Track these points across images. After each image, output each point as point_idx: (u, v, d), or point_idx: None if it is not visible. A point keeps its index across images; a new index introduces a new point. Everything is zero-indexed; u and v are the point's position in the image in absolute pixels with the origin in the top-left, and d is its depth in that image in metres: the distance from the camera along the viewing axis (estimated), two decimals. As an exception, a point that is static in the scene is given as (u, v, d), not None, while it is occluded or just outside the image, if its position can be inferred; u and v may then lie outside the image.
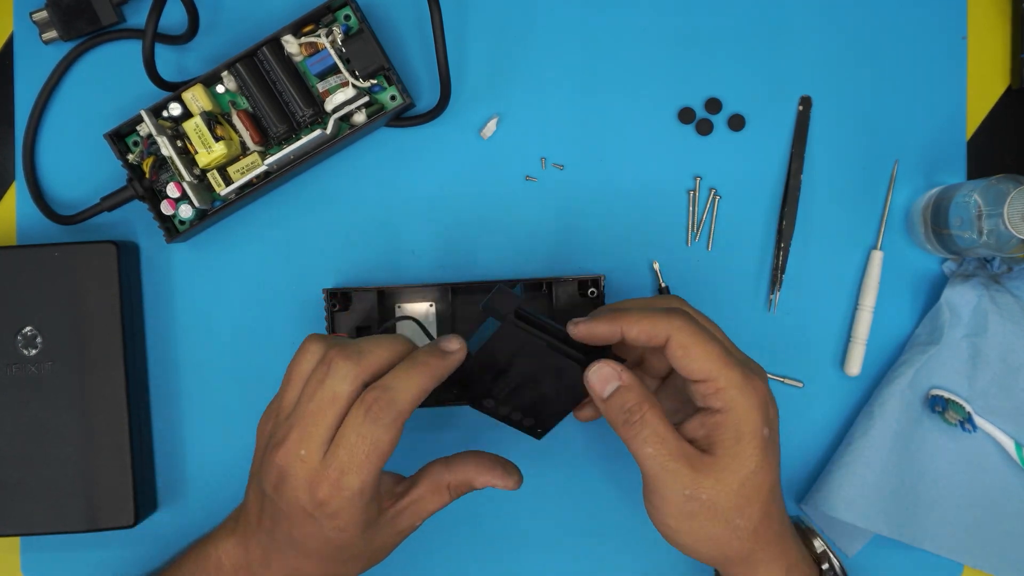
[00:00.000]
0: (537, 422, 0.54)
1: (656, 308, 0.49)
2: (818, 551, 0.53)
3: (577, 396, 0.52)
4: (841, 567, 0.53)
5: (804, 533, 0.54)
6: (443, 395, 0.51)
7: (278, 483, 0.47)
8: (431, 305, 0.60)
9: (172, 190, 0.58)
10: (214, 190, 0.59)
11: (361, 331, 0.60)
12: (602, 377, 0.48)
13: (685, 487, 0.47)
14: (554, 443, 0.62)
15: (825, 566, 0.53)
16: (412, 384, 0.47)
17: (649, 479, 0.48)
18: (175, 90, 0.58)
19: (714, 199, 0.62)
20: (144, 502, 0.60)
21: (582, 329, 0.49)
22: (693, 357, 0.47)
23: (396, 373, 0.47)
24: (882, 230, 0.62)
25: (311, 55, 0.59)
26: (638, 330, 0.48)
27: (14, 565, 0.62)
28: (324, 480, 0.46)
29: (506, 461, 0.53)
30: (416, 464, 0.52)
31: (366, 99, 0.59)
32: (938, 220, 0.59)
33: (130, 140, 0.60)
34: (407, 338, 0.49)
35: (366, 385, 0.47)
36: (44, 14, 0.61)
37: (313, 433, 0.46)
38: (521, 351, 0.49)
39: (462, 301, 0.60)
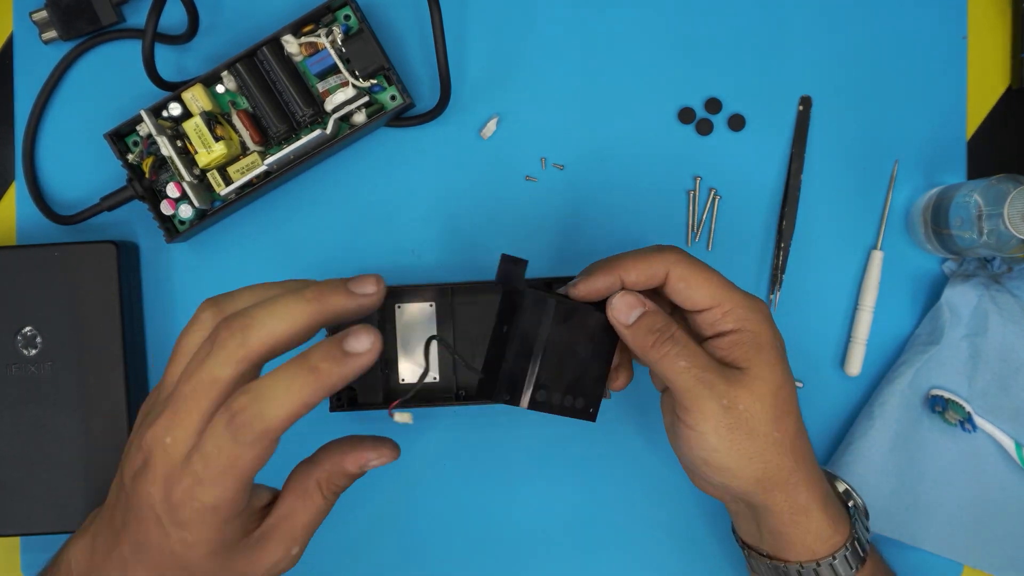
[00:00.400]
0: (586, 400, 0.51)
1: (648, 248, 0.50)
2: (841, 490, 0.54)
3: (609, 349, 0.51)
4: (864, 507, 0.54)
5: (826, 475, 0.54)
6: (496, 398, 0.47)
7: (139, 471, 0.41)
8: (431, 305, 0.60)
9: (172, 190, 0.58)
10: (214, 190, 0.59)
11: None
12: (626, 304, 0.49)
13: (722, 396, 0.47)
14: (558, 449, 0.62)
15: (851, 503, 0.53)
16: (291, 397, 0.38)
17: (684, 396, 0.48)
18: (175, 90, 0.58)
19: (714, 199, 0.62)
20: (144, 502, 0.60)
21: (581, 288, 0.49)
22: (696, 286, 0.48)
23: (276, 378, 0.39)
24: (882, 230, 0.62)
25: (311, 55, 0.59)
26: (636, 272, 0.48)
27: (14, 565, 0.62)
28: (179, 483, 0.39)
29: (374, 436, 0.45)
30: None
31: (366, 99, 0.59)
32: (938, 220, 0.59)
33: (130, 140, 0.60)
34: (313, 306, 0.40)
35: (256, 367, 0.40)
36: (44, 14, 0.61)
37: (184, 420, 0.39)
38: (545, 319, 0.47)
39: (462, 301, 0.60)
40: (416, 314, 0.60)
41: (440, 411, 0.62)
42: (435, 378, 0.60)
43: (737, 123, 0.62)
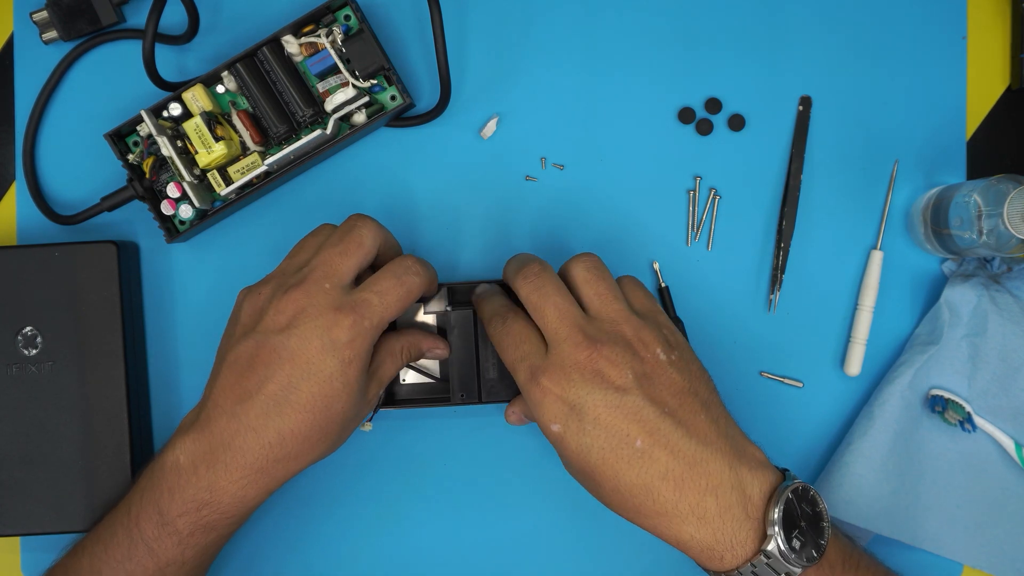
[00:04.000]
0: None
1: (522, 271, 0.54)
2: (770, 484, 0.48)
3: None
4: (808, 495, 0.48)
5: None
6: (454, 401, 0.58)
7: (290, 323, 0.49)
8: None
9: (172, 190, 0.58)
10: (214, 190, 0.59)
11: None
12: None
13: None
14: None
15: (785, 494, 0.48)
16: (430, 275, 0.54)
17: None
18: (175, 90, 0.58)
19: (714, 199, 0.62)
20: (144, 502, 0.60)
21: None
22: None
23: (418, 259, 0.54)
24: (882, 230, 0.62)
25: (311, 55, 0.59)
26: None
27: (14, 565, 0.62)
28: (347, 311, 0.49)
29: (437, 335, 0.58)
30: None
31: (366, 99, 0.59)
32: (938, 220, 0.59)
33: (130, 140, 0.60)
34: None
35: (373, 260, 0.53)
36: (44, 14, 0.61)
37: (340, 269, 0.51)
38: (472, 328, 0.57)
39: (461, 301, 0.60)
40: (416, 314, 0.60)
41: (441, 411, 0.62)
42: (436, 377, 0.60)
43: (737, 123, 0.62)
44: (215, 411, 0.50)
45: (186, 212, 0.59)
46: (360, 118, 0.59)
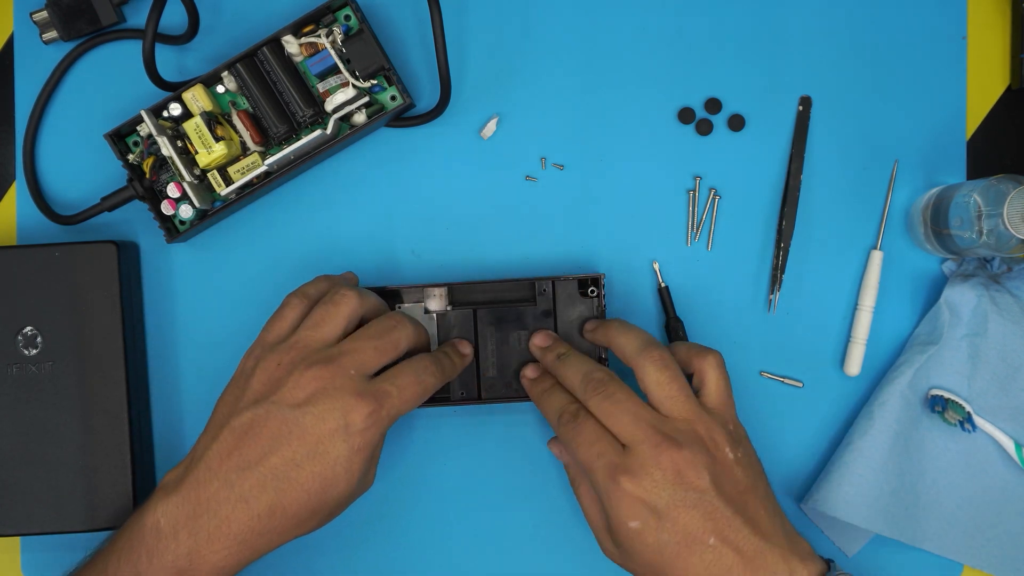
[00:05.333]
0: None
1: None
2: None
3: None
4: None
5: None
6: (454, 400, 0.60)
7: (308, 399, 0.49)
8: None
9: (172, 190, 0.58)
10: (214, 190, 0.59)
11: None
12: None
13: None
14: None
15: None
16: (456, 367, 0.57)
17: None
18: (175, 90, 0.58)
19: (714, 199, 0.62)
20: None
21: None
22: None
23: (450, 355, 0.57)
24: (882, 230, 0.62)
25: (311, 55, 0.59)
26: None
27: (14, 565, 0.62)
28: (367, 399, 0.50)
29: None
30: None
31: (366, 99, 0.59)
32: (938, 220, 0.59)
33: (130, 140, 0.60)
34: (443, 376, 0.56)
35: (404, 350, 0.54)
36: (44, 14, 0.61)
37: (369, 364, 0.51)
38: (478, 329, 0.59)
39: (462, 301, 0.60)
40: (416, 314, 0.60)
41: (440, 409, 0.62)
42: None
43: (737, 123, 0.62)
44: (206, 474, 0.49)
45: (186, 212, 0.59)
46: (360, 118, 0.59)
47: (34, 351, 0.59)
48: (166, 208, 0.59)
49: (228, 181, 0.59)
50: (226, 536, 0.49)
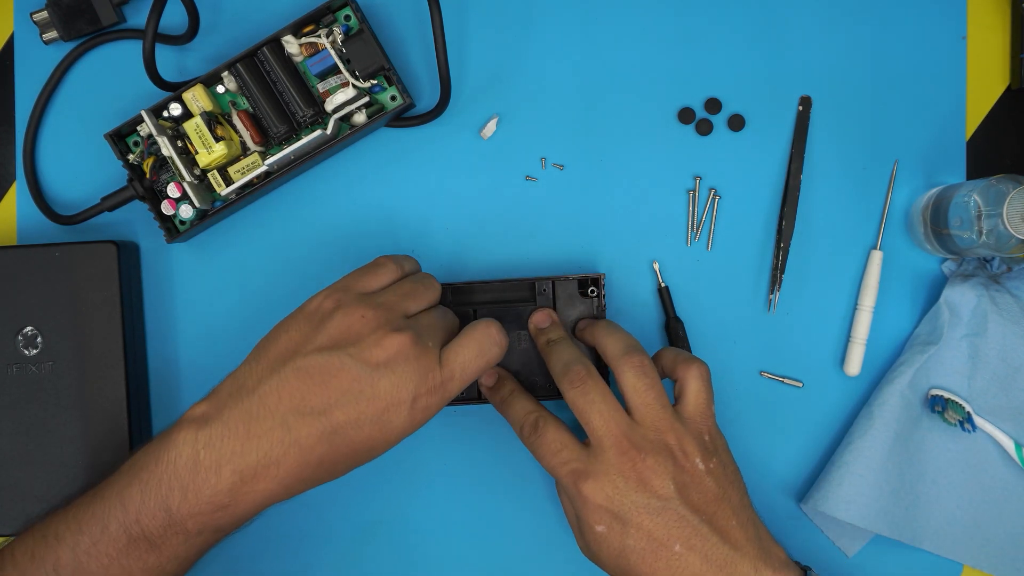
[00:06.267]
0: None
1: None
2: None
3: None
4: None
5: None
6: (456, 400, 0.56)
7: (387, 362, 0.48)
8: (431, 305, 0.60)
9: (172, 190, 0.58)
10: (214, 190, 0.59)
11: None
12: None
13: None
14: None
15: None
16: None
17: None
18: (175, 90, 0.58)
19: (714, 199, 0.62)
20: (144, 502, 0.60)
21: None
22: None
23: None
24: (882, 230, 0.62)
25: (311, 55, 0.59)
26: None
27: (14, 565, 0.62)
28: (437, 377, 0.49)
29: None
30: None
31: (366, 99, 0.59)
32: (938, 220, 0.59)
33: (130, 140, 0.60)
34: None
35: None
36: (44, 14, 0.61)
37: (446, 341, 0.51)
38: None
39: (462, 301, 0.60)
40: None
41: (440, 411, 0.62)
42: None
43: (737, 123, 0.62)
44: (260, 409, 0.47)
45: (186, 212, 0.59)
46: (360, 118, 0.59)
47: (34, 351, 0.59)
48: (166, 208, 0.59)
49: (228, 181, 0.59)
50: (272, 478, 0.47)
